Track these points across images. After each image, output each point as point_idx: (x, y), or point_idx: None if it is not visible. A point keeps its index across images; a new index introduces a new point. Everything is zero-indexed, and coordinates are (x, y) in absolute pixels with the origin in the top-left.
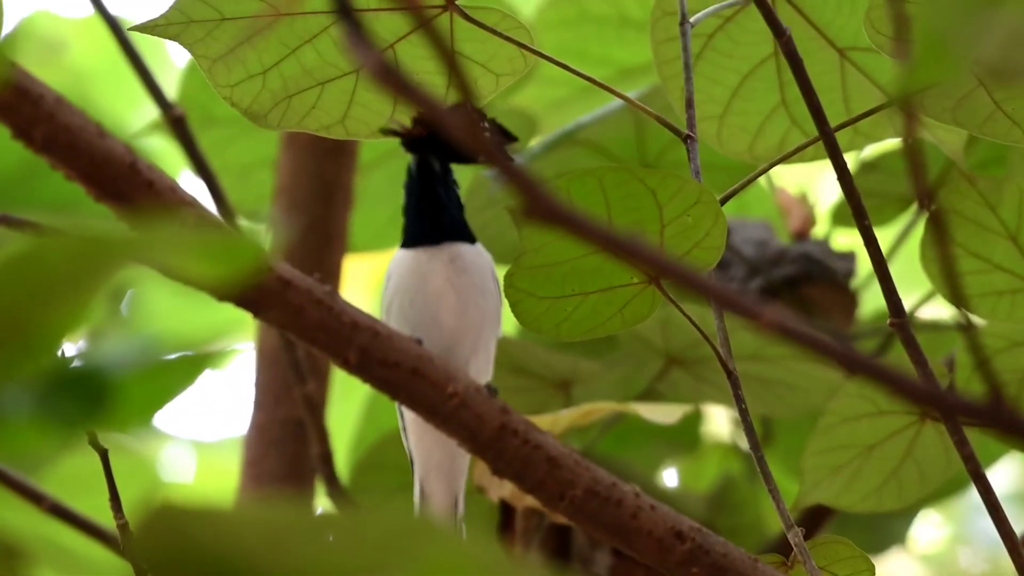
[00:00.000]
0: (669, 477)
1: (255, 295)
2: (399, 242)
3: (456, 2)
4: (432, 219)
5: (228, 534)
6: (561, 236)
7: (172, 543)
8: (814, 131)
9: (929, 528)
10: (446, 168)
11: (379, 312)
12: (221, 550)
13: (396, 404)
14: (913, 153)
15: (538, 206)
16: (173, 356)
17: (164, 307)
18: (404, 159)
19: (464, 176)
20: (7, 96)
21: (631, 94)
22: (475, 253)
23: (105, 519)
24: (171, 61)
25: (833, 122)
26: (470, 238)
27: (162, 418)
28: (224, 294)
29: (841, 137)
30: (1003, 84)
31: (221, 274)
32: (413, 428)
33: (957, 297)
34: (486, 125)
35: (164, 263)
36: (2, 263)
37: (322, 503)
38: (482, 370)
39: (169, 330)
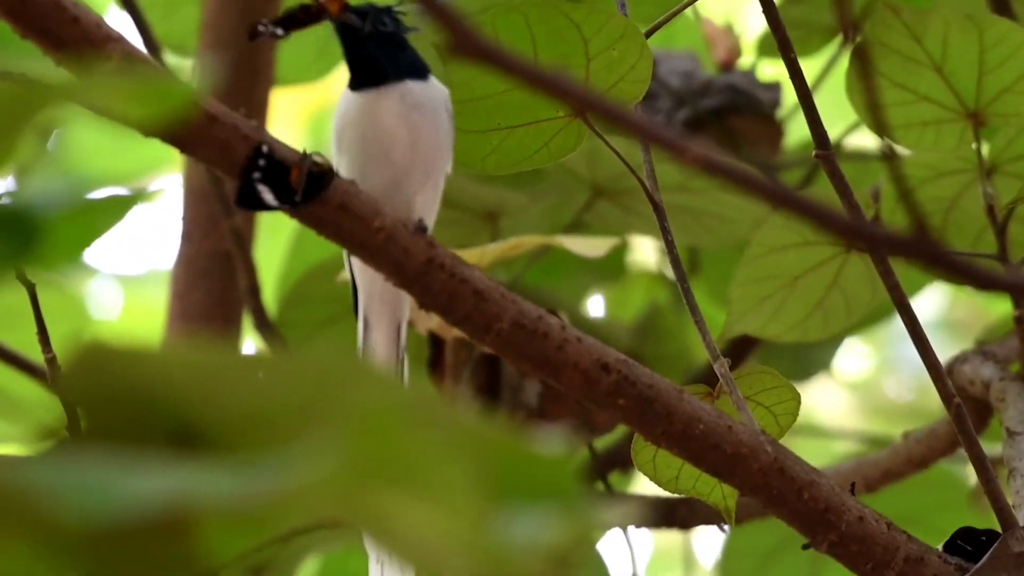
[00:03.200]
0: (595, 307)
1: (182, 132)
2: (326, 75)
3: None
4: (372, 67)
5: (158, 373)
6: (487, 71)
7: (101, 381)
8: None
9: (854, 357)
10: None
11: (305, 145)
12: (151, 388)
13: None
14: None
15: (463, 42)
16: (101, 194)
17: (91, 145)
18: None
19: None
20: None
21: None
22: (426, 88)
23: (33, 354)
24: None
25: None
26: (421, 74)
27: (89, 253)
28: (151, 131)
29: None
30: None
31: (150, 113)
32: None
33: (882, 127)
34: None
35: (93, 103)
36: None
37: (250, 336)
38: (429, 205)
39: (96, 168)
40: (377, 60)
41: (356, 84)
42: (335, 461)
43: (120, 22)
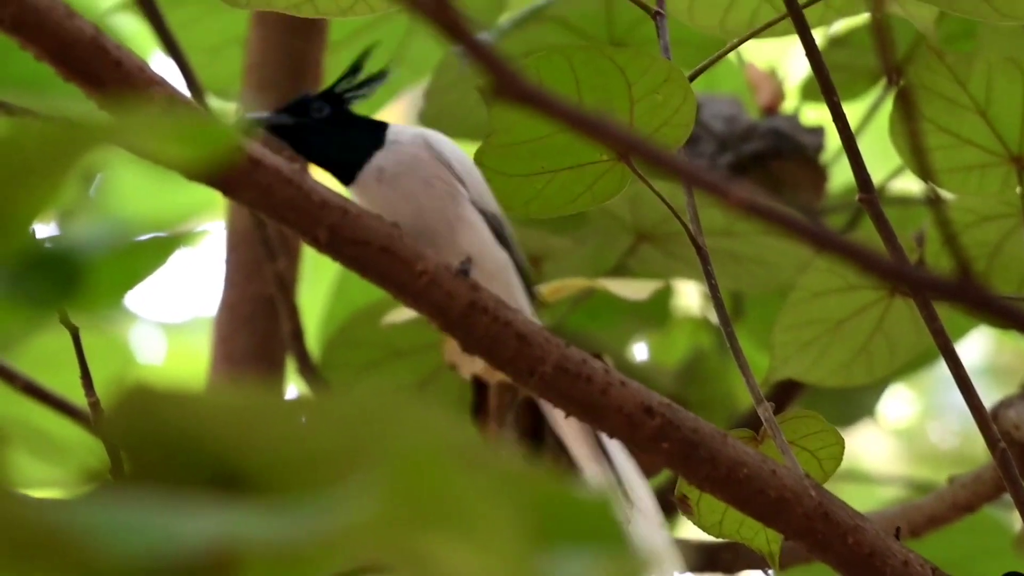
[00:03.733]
0: (639, 352)
1: (225, 175)
2: (377, 112)
3: None
4: (335, 166)
5: (201, 416)
6: (530, 114)
7: (145, 424)
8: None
9: (898, 403)
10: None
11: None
12: (194, 432)
13: None
14: (882, 28)
15: (507, 85)
16: (144, 236)
17: (133, 189)
18: (376, 35)
19: (437, 55)
20: None
21: None
22: (392, 151)
23: (76, 398)
24: None
25: None
26: (378, 139)
27: (131, 299)
28: (194, 174)
29: (811, 13)
30: None
31: (193, 156)
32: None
33: (926, 172)
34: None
35: (136, 145)
36: None
37: (293, 381)
38: (475, 238)
39: (138, 212)
40: (331, 156)
41: (342, 183)
42: (378, 503)
43: (164, 66)
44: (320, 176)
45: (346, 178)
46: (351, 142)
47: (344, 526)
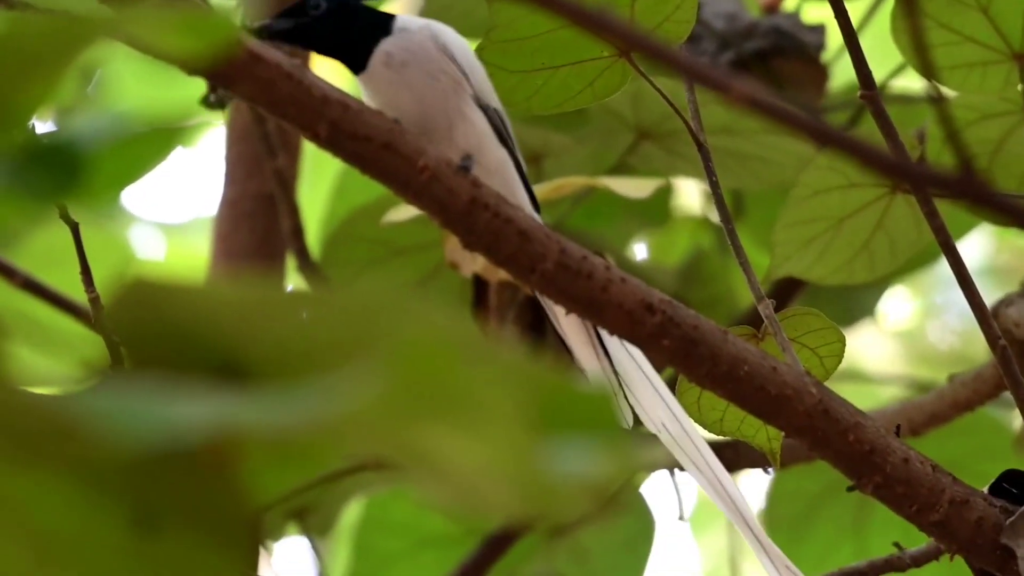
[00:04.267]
0: (639, 250)
1: (225, 69)
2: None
3: None
4: (344, 55)
5: (202, 309)
6: (531, 10)
7: (145, 317)
8: None
9: (897, 303)
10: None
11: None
12: (195, 326)
13: None
14: None
15: None
16: (144, 129)
17: (131, 84)
18: None
19: None
20: None
21: None
22: (400, 38)
23: (76, 294)
24: None
25: None
26: (385, 27)
27: (130, 199)
28: (194, 68)
29: None
30: None
31: (195, 50)
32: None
33: (928, 69)
34: None
35: (136, 38)
36: None
37: (293, 278)
38: (474, 134)
39: (138, 106)
40: (339, 47)
41: (352, 71)
42: (379, 389)
43: None
44: (321, 71)
45: (357, 66)
46: (357, 31)
47: (345, 412)
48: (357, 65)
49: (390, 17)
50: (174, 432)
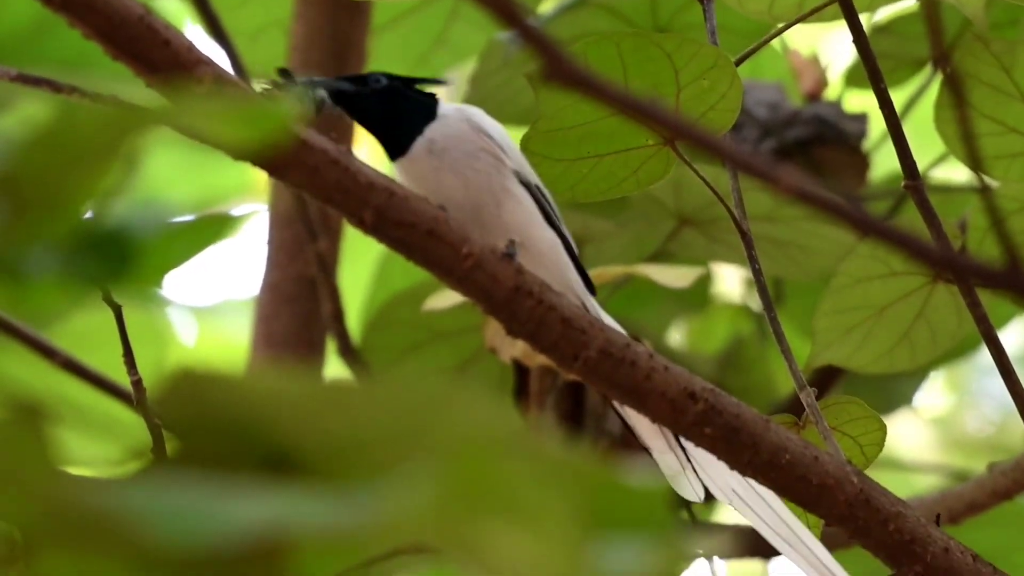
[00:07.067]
0: (675, 335)
1: (273, 156)
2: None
3: None
4: (388, 136)
5: (248, 401)
6: (578, 99)
7: (192, 408)
8: None
9: (932, 391)
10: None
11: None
12: (241, 417)
13: None
14: (931, 13)
15: (559, 69)
16: (192, 219)
17: (167, 169)
18: (419, 19)
19: (478, 39)
20: None
21: None
22: (443, 124)
23: (115, 376)
24: None
25: None
26: (430, 112)
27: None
28: (242, 155)
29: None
30: None
31: (244, 137)
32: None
33: (972, 158)
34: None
35: (188, 126)
36: (37, 130)
37: (333, 362)
38: (521, 217)
39: (176, 193)
40: (386, 126)
41: (390, 155)
42: (431, 491)
43: (208, 48)
44: (364, 158)
45: (397, 149)
46: (406, 114)
47: (398, 514)
48: (398, 148)
49: (435, 102)
50: (225, 533)
